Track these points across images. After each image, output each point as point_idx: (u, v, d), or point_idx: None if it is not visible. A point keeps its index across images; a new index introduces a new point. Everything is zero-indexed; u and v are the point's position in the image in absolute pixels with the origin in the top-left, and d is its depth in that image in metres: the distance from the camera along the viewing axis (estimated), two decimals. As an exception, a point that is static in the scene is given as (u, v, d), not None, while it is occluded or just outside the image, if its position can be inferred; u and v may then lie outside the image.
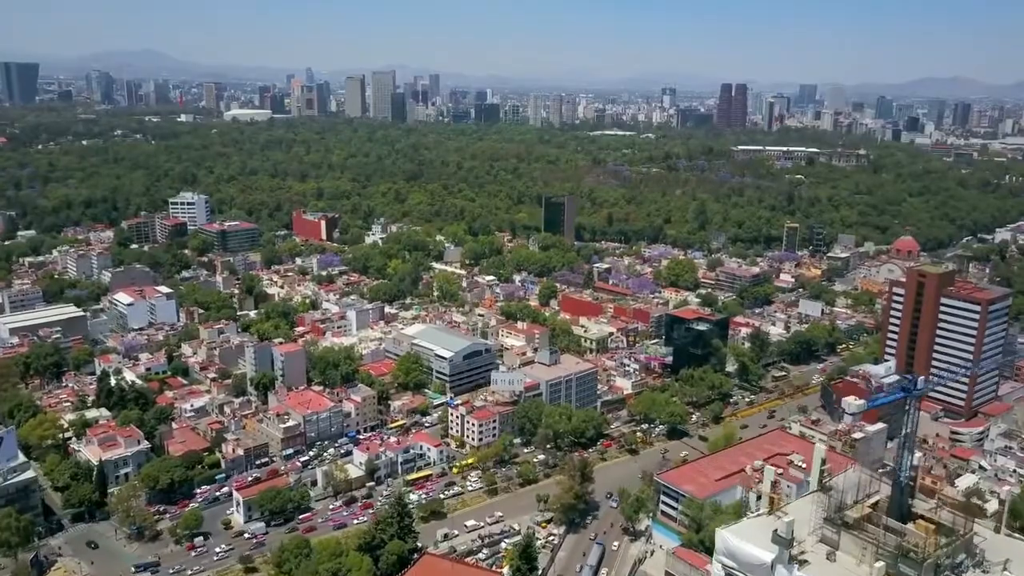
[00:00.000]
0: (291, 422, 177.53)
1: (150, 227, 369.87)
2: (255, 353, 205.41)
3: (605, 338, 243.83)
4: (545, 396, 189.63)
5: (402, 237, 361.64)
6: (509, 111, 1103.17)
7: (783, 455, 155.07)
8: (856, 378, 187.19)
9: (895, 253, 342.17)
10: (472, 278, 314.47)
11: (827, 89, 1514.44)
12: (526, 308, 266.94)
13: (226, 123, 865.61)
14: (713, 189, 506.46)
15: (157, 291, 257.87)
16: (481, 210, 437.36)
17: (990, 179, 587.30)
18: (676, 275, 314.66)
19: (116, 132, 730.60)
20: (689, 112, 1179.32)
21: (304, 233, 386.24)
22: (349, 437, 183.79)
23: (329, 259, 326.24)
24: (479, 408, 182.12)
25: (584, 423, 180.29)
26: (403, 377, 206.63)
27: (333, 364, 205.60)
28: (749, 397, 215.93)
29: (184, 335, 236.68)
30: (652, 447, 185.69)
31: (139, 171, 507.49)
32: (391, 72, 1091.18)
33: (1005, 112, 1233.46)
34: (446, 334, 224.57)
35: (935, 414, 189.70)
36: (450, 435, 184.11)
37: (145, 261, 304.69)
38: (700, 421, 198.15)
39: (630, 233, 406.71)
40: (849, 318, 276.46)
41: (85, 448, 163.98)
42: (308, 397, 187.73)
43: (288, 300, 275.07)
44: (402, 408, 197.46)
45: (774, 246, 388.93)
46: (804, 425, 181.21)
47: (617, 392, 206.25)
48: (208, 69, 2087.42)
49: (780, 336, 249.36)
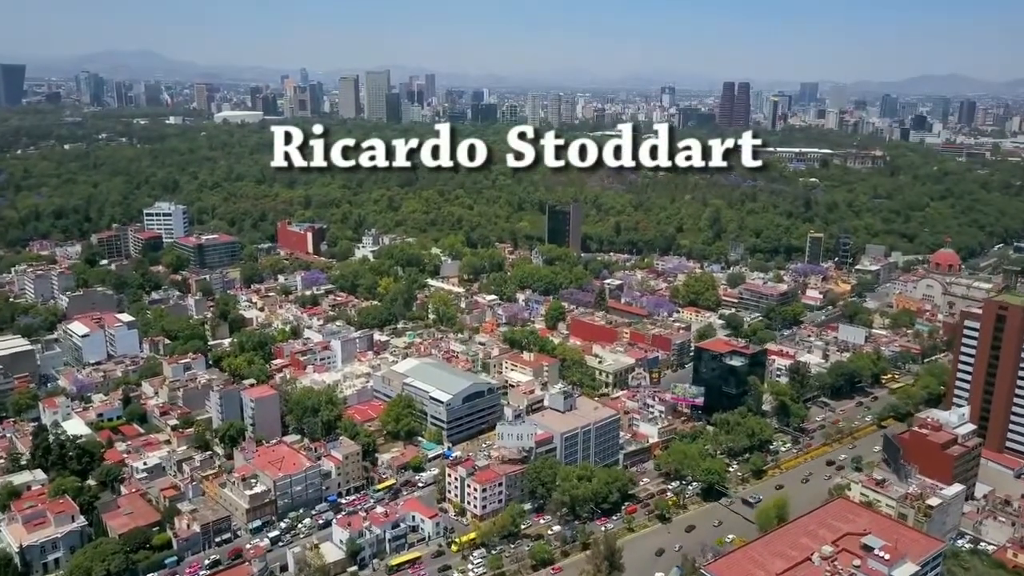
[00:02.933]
0: (259, 487, 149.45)
1: (122, 241, 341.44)
2: (221, 399, 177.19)
3: (623, 370, 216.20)
4: (560, 452, 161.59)
5: (395, 250, 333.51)
6: (507, 111, 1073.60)
7: (854, 535, 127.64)
8: (926, 428, 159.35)
9: (934, 267, 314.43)
10: (471, 297, 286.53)
11: (828, 87, 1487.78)
12: (532, 334, 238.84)
13: (216, 125, 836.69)
14: (725, 194, 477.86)
15: (118, 319, 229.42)
16: (480, 218, 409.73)
17: (1012, 181, 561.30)
18: (695, 293, 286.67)
19: (101, 136, 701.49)
20: (690, 111, 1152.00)
21: (289, 246, 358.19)
22: (329, 502, 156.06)
23: (314, 276, 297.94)
24: (482, 469, 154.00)
25: (607, 485, 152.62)
26: (393, 424, 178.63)
27: (312, 409, 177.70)
28: (787, 443, 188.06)
29: (145, 371, 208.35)
30: (686, 511, 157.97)
31: (118, 177, 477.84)
32: (385, 72, 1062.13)
33: (1010, 110, 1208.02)
34: (442, 371, 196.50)
35: (1018, 470, 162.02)
36: (448, 499, 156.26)
37: (111, 282, 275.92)
38: (739, 475, 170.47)
39: (640, 243, 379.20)
40: (890, 341, 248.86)
41: (6, 528, 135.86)
42: (281, 454, 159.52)
43: (267, 326, 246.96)
44: (392, 463, 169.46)
45: (795, 257, 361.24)
46: (866, 486, 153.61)
47: (641, 440, 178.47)
48: (202, 70, 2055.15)
49: (819, 367, 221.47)
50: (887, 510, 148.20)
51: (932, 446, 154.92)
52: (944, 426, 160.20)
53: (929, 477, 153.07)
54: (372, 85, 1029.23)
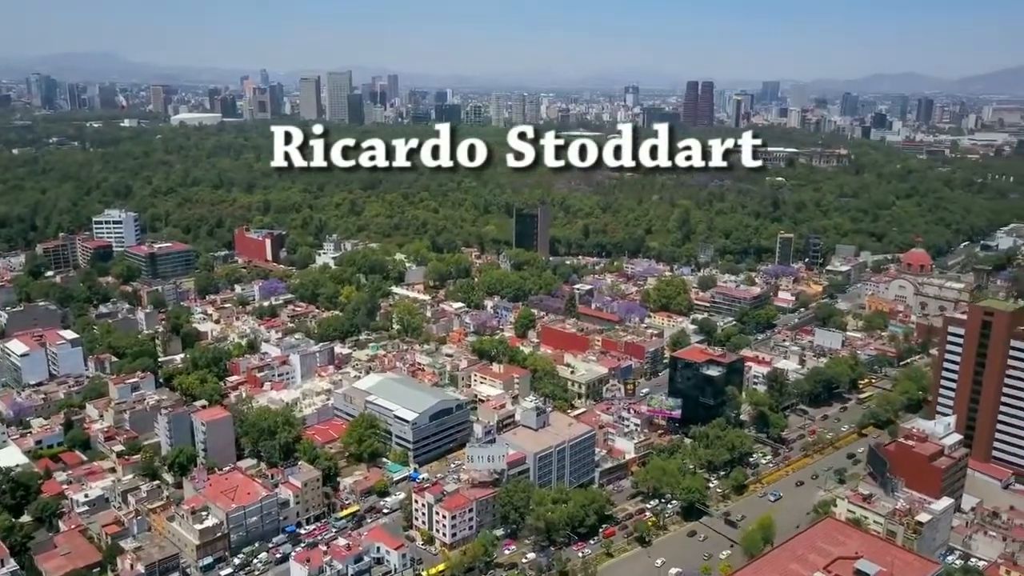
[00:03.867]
0: (211, 521, 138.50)
1: (69, 251, 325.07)
2: (169, 423, 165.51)
3: (596, 381, 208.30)
4: (533, 473, 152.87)
5: (357, 257, 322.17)
6: (471, 112, 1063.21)
7: (846, 559, 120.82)
8: (911, 439, 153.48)
9: (905, 267, 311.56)
10: (438, 305, 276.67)
11: (789, 86, 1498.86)
12: (502, 344, 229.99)
13: (172, 128, 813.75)
14: (692, 194, 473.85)
15: (61, 336, 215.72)
16: (445, 222, 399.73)
17: (974, 179, 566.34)
18: (667, 297, 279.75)
19: (51, 140, 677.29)
20: (654, 111, 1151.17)
21: (247, 253, 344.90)
22: (287, 533, 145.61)
23: (272, 286, 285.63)
24: (451, 494, 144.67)
25: (583, 508, 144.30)
26: (355, 446, 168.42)
27: (269, 431, 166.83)
28: (767, 454, 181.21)
29: (90, 392, 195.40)
30: (666, 532, 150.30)
31: (68, 183, 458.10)
32: (347, 72, 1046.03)
33: (966, 107, 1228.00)
34: (407, 387, 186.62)
35: (1005, 481, 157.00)
36: (415, 527, 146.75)
37: (55, 295, 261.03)
38: (719, 492, 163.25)
39: (609, 246, 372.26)
40: (865, 344, 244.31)
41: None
42: (235, 482, 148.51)
43: (222, 340, 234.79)
44: (355, 488, 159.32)
45: (766, 258, 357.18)
46: (853, 502, 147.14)
47: (618, 456, 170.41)
48: (160, 71, 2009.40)
49: (796, 373, 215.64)
50: (875, 527, 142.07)
51: (919, 458, 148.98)
52: (930, 437, 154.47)
53: (916, 491, 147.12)
54: (334, 86, 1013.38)
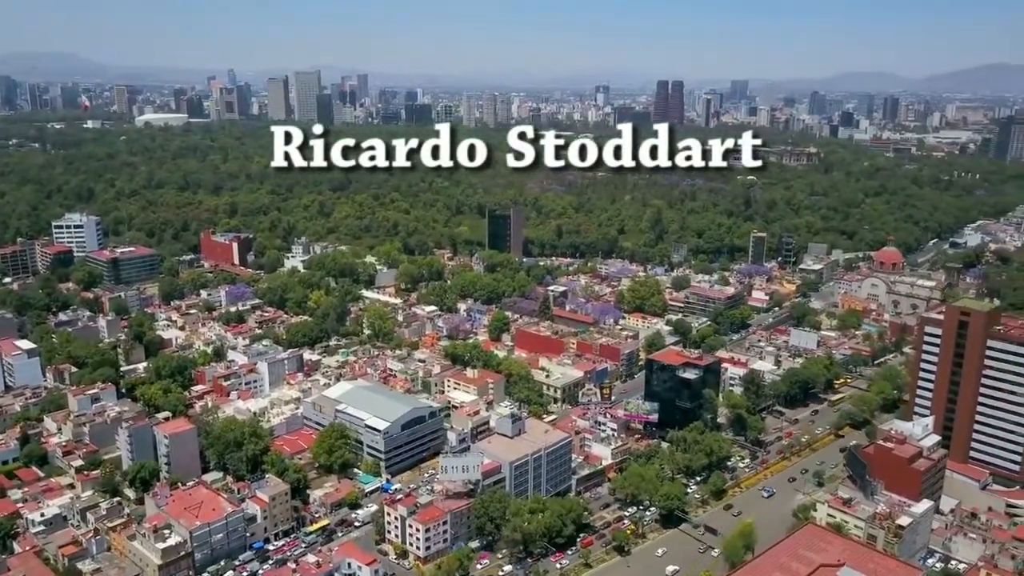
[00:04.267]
0: (174, 539, 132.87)
1: (28, 256, 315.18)
2: (131, 436, 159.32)
3: (571, 384, 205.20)
4: (509, 482, 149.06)
5: (327, 260, 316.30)
6: (441, 111, 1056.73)
7: (829, 567, 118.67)
8: (890, 441, 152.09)
9: (878, 266, 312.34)
10: (409, 309, 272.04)
11: (758, 85, 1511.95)
12: (475, 348, 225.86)
13: (137, 129, 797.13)
14: (664, 193, 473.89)
15: (17, 346, 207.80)
16: (417, 223, 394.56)
17: (940, 176, 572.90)
18: (641, 298, 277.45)
19: (11, 141, 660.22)
20: (625, 110, 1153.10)
21: (214, 257, 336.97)
22: (255, 550, 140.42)
23: (240, 291, 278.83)
24: (425, 506, 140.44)
25: (560, 518, 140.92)
26: (325, 457, 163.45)
27: (236, 443, 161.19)
28: (744, 457, 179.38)
29: (48, 404, 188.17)
30: (645, 540, 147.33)
31: (28, 186, 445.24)
32: (316, 72, 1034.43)
33: (930, 106, 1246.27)
34: (379, 395, 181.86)
35: (983, 482, 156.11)
36: (388, 540, 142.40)
37: (11, 303, 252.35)
38: (698, 497, 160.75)
39: (582, 247, 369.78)
40: (839, 344, 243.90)
41: None
42: (199, 498, 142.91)
43: (187, 348, 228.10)
44: (325, 500, 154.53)
45: (739, 257, 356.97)
46: (833, 507, 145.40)
47: (595, 463, 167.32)
48: (124, 71, 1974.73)
49: (772, 374, 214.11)
50: (855, 531, 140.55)
51: (898, 460, 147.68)
52: (908, 438, 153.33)
53: (896, 493, 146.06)
54: (302, 86, 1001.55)
